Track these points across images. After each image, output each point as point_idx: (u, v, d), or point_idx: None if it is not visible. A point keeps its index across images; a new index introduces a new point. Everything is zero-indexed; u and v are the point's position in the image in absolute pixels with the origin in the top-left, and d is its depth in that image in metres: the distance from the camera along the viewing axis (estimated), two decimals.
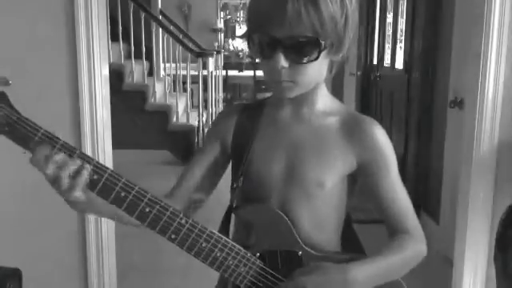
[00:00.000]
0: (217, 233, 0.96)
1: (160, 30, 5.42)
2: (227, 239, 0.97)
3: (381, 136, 1.04)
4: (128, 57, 5.21)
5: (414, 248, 1.07)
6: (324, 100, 1.05)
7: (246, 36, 0.97)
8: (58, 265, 2.09)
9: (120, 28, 5.06)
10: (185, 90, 5.71)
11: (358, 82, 4.96)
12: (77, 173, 0.87)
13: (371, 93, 4.70)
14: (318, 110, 1.04)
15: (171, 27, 5.75)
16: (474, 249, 2.10)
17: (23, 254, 1.92)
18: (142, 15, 5.06)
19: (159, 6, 6.13)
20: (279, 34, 0.89)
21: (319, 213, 1.05)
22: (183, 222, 0.93)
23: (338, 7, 0.90)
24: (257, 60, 0.99)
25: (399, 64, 3.96)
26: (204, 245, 0.95)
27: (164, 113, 5.23)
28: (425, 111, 3.32)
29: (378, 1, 4.58)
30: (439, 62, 3.16)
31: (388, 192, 1.04)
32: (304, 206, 1.03)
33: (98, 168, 0.89)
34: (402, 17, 3.95)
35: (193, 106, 5.84)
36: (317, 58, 0.92)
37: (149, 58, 5.51)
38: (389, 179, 1.04)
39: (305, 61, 0.92)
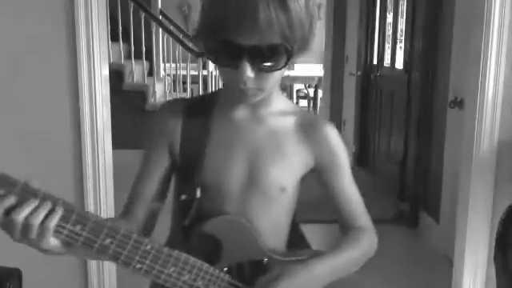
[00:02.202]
0: (184, 253, 0.90)
1: (160, 29, 5.41)
2: (195, 259, 0.91)
3: (335, 137, 1.04)
4: (128, 57, 5.20)
5: (369, 241, 1.06)
6: (279, 100, 1.03)
7: (201, 40, 0.90)
8: (58, 265, 2.09)
9: (120, 28, 5.06)
10: (185, 90, 5.71)
11: (358, 81, 4.96)
12: (47, 217, 0.79)
13: (371, 93, 4.70)
14: (274, 110, 1.01)
15: (171, 27, 5.75)
16: (474, 249, 2.10)
17: (23, 254, 1.91)
18: (142, 15, 5.06)
19: (159, 6, 6.13)
20: (246, 42, 0.83)
21: (277, 217, 1.04)
22: (148, 248, 0.85)
23: (304, 10, 0.86)
24: (214, 64, 0.92)
25: (399, 64, 3.96)
26: (172, 269, 0.88)
27: None
28: (425, 111, 3.32)
29: (378, 1, 4.57)
30: (439, 61, 3.16)
31: (341, 191, 1.05)
32: (264, 212, 1.00)
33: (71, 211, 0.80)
34: (402, 17, 3.95)
35: None
36: (285, 65, 0.89)
37: (149, 58, 5.51)
38: (342, 179, 1.05)
39: (273, 69, 0.88)
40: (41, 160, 1.98)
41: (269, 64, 0.87)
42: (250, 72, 0.86)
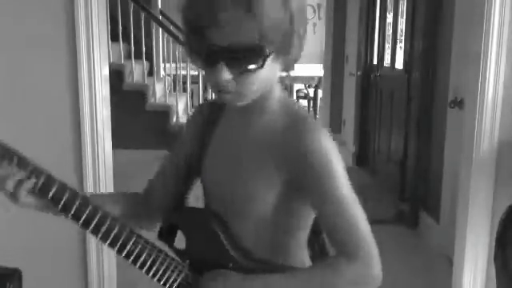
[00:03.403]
0: (144, 238, 0.97)
1: (160, 29, 5.42)
2: (154, 244, 0.98)
3: (319, 154, 0.88)
4: (128, 57, 5.21)
5: (354, 271, 0.89)
6: (274, 106, 0.95)
7: (184, 40, 0.92)
8: (57, 265, 2.09)
9: (120, 28, 5.06)
10: (185, 90, 5.71)
11: (358, 81, 4.96)
12: (17, 184, 0.94)
13: (371, 93, 4.70)
14: (265, 116, 0.94)
15: (171, 27, 5.75)
16: (474, 248, 2.10)
17: (23, 254, 1.92)
18: (142, 15, 5.06)
19: (159, 6, 6.13)
20: (219, 41, 0.82)
21: (256, 226, 0.97)
22: (112, 224, 0.95)
23: (279, 8, 0.82)
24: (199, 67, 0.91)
25: (399, 64, 3.96)
26: (132, 247, 0.96)
27: (164, 113, 5.23)
28: (425, 111, 3.32)
29: (378, 1, 4.58)
30: (439, 62, 3.16)
31: (326, 208, 0.90)
32: (241, 218, 0.97)
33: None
34: (402, 17, 3.95)
35: (193, 106, 5.84)
36: (262, 66, 0.85)
37: (149, 58, 5.51)
38: (326, 193, 0.89)
39: (250, 70, 0.84)
40: (41, 160, 1.98)
41: (247, 66, 0.84)
42: (226, 74, 0.84)
